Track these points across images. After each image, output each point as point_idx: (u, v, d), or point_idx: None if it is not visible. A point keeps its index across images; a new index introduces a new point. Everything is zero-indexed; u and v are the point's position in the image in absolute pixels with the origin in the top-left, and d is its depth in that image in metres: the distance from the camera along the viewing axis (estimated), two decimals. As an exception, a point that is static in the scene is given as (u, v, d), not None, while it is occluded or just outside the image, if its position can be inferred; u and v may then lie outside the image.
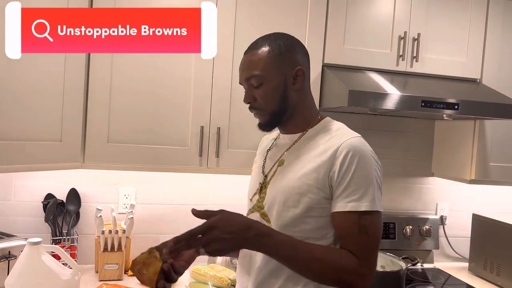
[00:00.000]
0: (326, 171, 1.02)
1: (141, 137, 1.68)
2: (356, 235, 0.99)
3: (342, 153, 1.01)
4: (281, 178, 1.10)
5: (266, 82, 1.10)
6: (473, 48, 1.97)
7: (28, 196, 1.88)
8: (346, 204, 0.99)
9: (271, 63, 1.09)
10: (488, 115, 1.78)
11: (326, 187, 1.03)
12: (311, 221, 1.04)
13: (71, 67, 1.56)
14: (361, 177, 1.00)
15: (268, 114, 1.12)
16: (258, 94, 1.11)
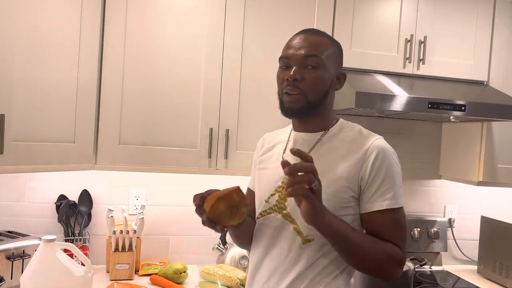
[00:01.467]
0: (356, 171, 1.05)
1: (152, 139, 1.71)
2: (394, 229, 1.06)
3: (372, 155, 1.05)
4: None
5: (322, 68, 1.08)
6: (480, 50, 1.98)
7: (41, 198, 1.92)
8: (383, 202, 1.04)
9: (332, 54, 1.10)
10: (495, 116, 1.79)
11: (355, 186, 1.06)
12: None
13: (84, 70, 1.60)
14: (392, 177, 1.06)
15: (307, 101, 1.08)
16: (310, 76, 1.07)
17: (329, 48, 1.10)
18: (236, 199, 1.00)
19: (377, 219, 1.05)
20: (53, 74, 1.51)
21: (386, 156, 1.06)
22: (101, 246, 1.97)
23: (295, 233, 1.08)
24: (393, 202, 1.04)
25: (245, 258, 1.91)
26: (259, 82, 1.79)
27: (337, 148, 1.10)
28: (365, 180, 1.05)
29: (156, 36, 1.70)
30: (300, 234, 1.07)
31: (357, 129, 1.15)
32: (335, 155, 1.09)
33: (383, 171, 1.05)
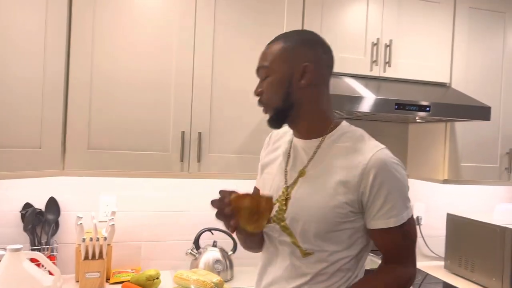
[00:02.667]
0: (355, 187, 1.01)
1: (122, 143, 1.68)
2: (402, 244, 1.05)
3: (372, 171, 1.00)
4: (304, 192, 1.07)
5: (271, 74, 1.07)
6: (442, 53, 2.06)
7: (5, 206, 1.84)
8: (388, 220, 1.01)
9: (280, 55, 1.06)
10: (458, 116, 1.87)
11: (355, 202, 1.02)
12: (338, 234, 1.04)
13: (50, 72, 1.56)
14: (396, 192, 1.01)
15: (272, 109, 1.08)
16: (264, 87, 1.08)
17: (277, 50, 1.06)
18: (263, 206, 0.99)
19: (384, 236, 1.04)
20: (17, 77, 1.46)
21: (387, 171, 1.01)
22: (69, 255, 1.91)
23: (293, 246, 1.07)
24: (399, 218, 1.01)
25: (219, 262, 1.90)
26: (231, 84, 1.80)
27: (336, 159, 1.05)
28: (367, 196, 1.01)
29: (125, 35, 1.68)
30: (299, 248, 1.07)
31: (358, 136, 1.09)
32: (333, 168, 1.04)
33: (385, 187, 1.00)
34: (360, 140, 1.07)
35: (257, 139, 1.83)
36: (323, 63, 1.07)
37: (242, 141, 1.81)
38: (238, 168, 1.80)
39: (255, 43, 1.82)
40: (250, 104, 1.82)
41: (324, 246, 1.04)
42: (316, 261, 1.05)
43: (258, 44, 1.81)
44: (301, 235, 1.05)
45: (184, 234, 2.07)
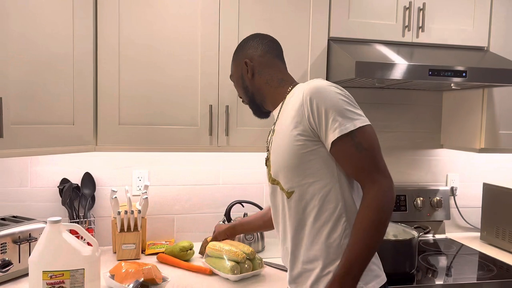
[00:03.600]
0: (301, 118, 1.12)
1: (152, 118, 1.70)
2: (356, 155, 1.08)
3: (307, 98, 1.11)
4: (275, 144, 1.22)
5: (233, 79, 1.39)
6: (479, 15, 1.95)
7: (44, 182, 1.92)
8: (334, 133, 1.08)
9: (233, 62, 1.38)
10: (496, 81, 1.77)
11: (307, 130, 1.12)
12: (308, 166, 1.13)
13: (79, 51, 1.58)
14: (333, 108, 1.09)
15: (248, 104, 1.38)
16: (237, 91, 1.41)
17: (232, 61, 1.39)
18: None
19: (337, 151, 1.09)
20: (49, 56, 1.49)
21: (319, 92, 1.11)
22: (106, 227, 1.98)
23: (281, 192, 1.21)
24: (342, 128, 1.07)
25: (250, 234, 1.92)
26: (257, 57, 1.77)
27: (290, 107, 1.19)
28: (313, 122, 1.11)
29: (152, 13, 1.67)
30: (283, 191, 1.20)
31: (305, 83, 1.19)
32: (287, 114, 1.18)
33: (321, 107, 1.09)
34: (305, 84, 1.18)
35: (285, 110, 1.80)
36: (260, 52, 1.31)
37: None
38: (266, 141, 1.79)
39: (280, 12, 1.78)
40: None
41: (301, 180, 1.14)
42: (298, 198, 1.16)
43: (283, 13, 1.77)
44: (283, 178, 1.18)
45: (215, 206, 2.10)
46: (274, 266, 1.77)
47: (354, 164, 1.09)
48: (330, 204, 1.13)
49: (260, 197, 2.15)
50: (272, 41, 1.35)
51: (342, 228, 1.13)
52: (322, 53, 1.81)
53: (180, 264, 1.74)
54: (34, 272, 1.27)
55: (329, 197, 1.13)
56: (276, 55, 1.33)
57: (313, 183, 1.14)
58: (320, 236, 1.15)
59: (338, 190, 1.13)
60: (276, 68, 1.31)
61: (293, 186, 1.17)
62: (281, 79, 1.30)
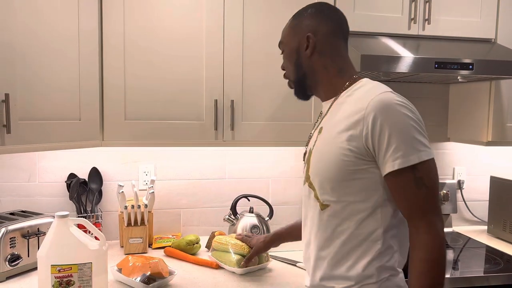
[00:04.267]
0: (358, 133, 1.00)
1: (157, 113, 1.71)
2: (414, 191, 0.97)
3: (371, 115, 0.98)
4: (319, 146, 1.11)
5: (285, 49, 1.21)
6: (486, 7, 1.93)
7: (51, 177, 1.94)
8: (394, 163, 0.96)
9: (289, 31, 1.19)
10: (504, 73, 1.75)
11: (360, 149, 1.00)
12: (352, 184, 1.03)
13: (85, 47, 1.59)
14: (399, 133, 0.96)
15: (292, 82, 1.22)
16: (284, 62, 1.23)
17: (288, 26, 1.20)
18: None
19: (394, 182, 0.99)
20: (54, 52, 1.50)
21: (386, 112, 0.97)
22: (113, 222, 2.00)
23: (315, 200, 1.11)
24: (405, 160, 0.95)
25: (256, 227, 1.93)
26: (261, 51, 1.76)
27: (344, 110, 1.06)
28: (371, 142, 0.99)
29: (157, 9, 1.67)
30: (318, 201, 1.10)
31: (369, 87, 1.06)
32: (340, 118, 1.06)
33: (386, 130, 0.96)
34: (368, 89, 1.06)
35: (289, 106, 1.80)
36: (328, 30, 1.13)
37: (274, 108, 1.80)
38: (271, 135, 1.80)
39: (285, 6, 1.77)
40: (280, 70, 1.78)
41: (340, 196, 1.05)
42: (332, 214, 1.07)
43: (289, 7, 1.76)
44: (319, 186, 1.09)
45: (221, 201, 2.11)
46: (280, 260, 1.77)
47: (410, 200, 0.98)
48: (367, 228, 1.04)
49: (266, 191, 2.15)
50: (342, 19, 1.16)
51: (373, 255, 1.04)
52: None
53: (186, 258, 1.75)
54: (43, 266, 1.29)
55: (367, 221, 1.03)
56: (343, 36, 1.16)
57: (353, 203, 1.04)
58: (348, 258, 1.06)
59: (379, 216, 1.03)
60: (339, 53, 1.15)
61: (329, 200, 1.07)
62: (341, 68, 1.14)
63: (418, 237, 0.97)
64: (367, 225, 1.04)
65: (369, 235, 1.04)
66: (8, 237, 1.51)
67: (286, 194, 2.18)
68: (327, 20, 1.14)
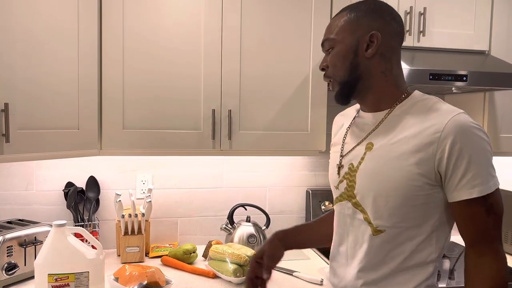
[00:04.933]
0: (430, 156, 0.93)
1: (155, 122, 1.72)
2: (485, 218, 0.94)
3: (449, 137, 0.92)
4: (373, 165, 1.01)
5: (336, 46, 1.03)
6: (480, 19, 1.96)
7: (49, 185, 1.94)
8: (471, 190, 0.92)
9: (345, 26, 1.02)
10: (498, 85, 1.78)
11: (431, 173, 0.94)
12: (413, 209, 0.98)
13: (84, 56, 1.60)
14: (478, 158, 0.92)
15: (338, 83, 1.05)
16: (330, 59, 1.05)
17: (342, 21, 1.03)
18: None
19: (467, 210, 0.94)
20: (54, 61, 1.51)
21: (467, 136, 0.92)
22: (110, 230, 2.00)
23: (365, 223, 1.03)
24: (484, 188, 0.92)
25: (253, 236, 1.94)
26: (259, 60, 1.79)
27: (407, 128, 0.98)
28: (444, 166, 0.93)
29: (154, 19, 1.70)
30: (370, 225, 1.02)
31: (432, 103, 1.00)
32: (403, 137, 0.97)
33: (465, 154, 0.91)
34: (434, 106, 0.98)
35: (287, 115, 1.82)
36: (392, 31, 1.02)
37: (272, 117, 1.82)
38: (269, 144, 1.81)
39: (283, 13, 1.80)
40: (280, 80, 1.81)
41: (397, 222, 0.98)
42: (387, 240, 1.00)
43: (286, 15, 1.79)
44: (374, 210, 1.01)
45: (218, 210, 2.12)
46: (277, 269, 1.78)
47: (478, 228, 0.94)
48: (421, 253, 0.99)
49: (263, 200, 2.16)
50: (402, 25, 1.06)
51: (423, 277, 1.00)
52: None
53: (183, 267, 1.76)
54: (40, 275, 1.30)
55: (422, 245, 0.99)
56: (401, 43, 1.05)
57: (410, 228, 0.98)
58: (396, 281, 1.01)
59: (434, 240, 0.99)
60: (399, 60, 1.05)
61: (384, 226, 1.00)
62: (398, 76, 1.04)
63: (484, 264, 0.94)
64: (422, 250, 0.99)
65: (424, 260, 1.00)
66: (5, 246, 1.51)
67: (283, 203, 2.19)
68: (392, 21, 1.03)
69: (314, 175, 2.21)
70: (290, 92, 1.82)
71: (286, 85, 1.82)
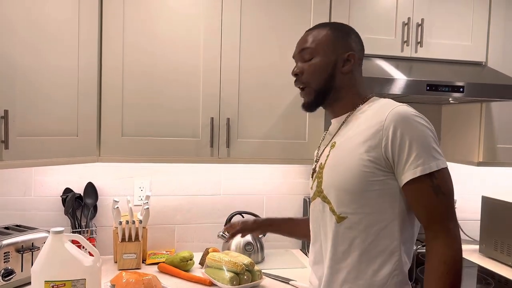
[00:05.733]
0: (377, 143, 1.04)
1: (154, 130, 1.73)
2: (434, 198, 1.01)
3: (391, 125, 1.02)
4: (335, 160, 1.13)
5: (317, 56, 1.15)
6: (477, 31, 1.98)
7: (47, 191, 1.95)
8: (415, 170, 1.00)
9: (327, 41, 1.16)
10: (494, 96, 1.80)
11: (380, 159, 1.04)
12: (371, 195, 1.06)
13: (84, 64, 1.62)
14: (418, 141, 1.01)
15: (313, 91, 1.17)
16: (307, 67, 1.16)
17: (323, 36, 1.16)
18: None
19: (413, 190, 1.02)
20: (54, 69, 1.53)
21: (406, 122, 1.02)
22: (108, 237, 2.00)
23: (331, 213, 1.12)
24: (426, 167, 0.99)
25: (250, 244, 1.94)
26: (258, 69, 1.80)
27: (360, 123, 1.10)
28: (390, 152, 1.02)
29: (153, 27, 1.71)
30: (334, 213, 1.11)
31: (383, 102, 1.12)
32: (356, 131, 1.09)
33: (406, 139, 1.01)
34: (383, 104, 1.11)
35: (285, 123, 1.84)
36: (361, 50, 1.19)
37: (270, 126, 1.83)
38: (267, 153, 1.82)
39: (281, 26, 1.81)
40: (278, 88, 1.82)
41: (357, 208, 1.07)
42: (349, 226, 1.08)
43: (285, 26, 1.81)
44: (336, 199, 1.10)
45: (216, 217, 2.12)
46: (273, 278, 1.78)
47: (428, 208, 1.02)
48: (384, 240, 1.06)
49: (261, 208, 2.17)
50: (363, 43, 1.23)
51: (392, 267, 1.06)
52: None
53: (180, 274, 1.76)
54: (37, 282, 1.30)
55: (384, 232, 1.06)
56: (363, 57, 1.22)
57: (370, 214, 1.06)
58: (365, 271, 1.07)
59: (396, 227, 1.06)
60: (361, 71, 1.21)
61: (346, 212, 1.09)
62: (360, 85, 1.19)
63: (437, 242, 1.00)
64: (384, 236, 1.06)
65: (387, 247, 1.06)
66: (2, 252, 1.51)
67: (281, 210, 2.19)
68: (359, 40, 1.20)
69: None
70: (288, 101, 1.84)
71: (284, 94, 1.83)
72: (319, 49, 1.15)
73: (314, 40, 1.16)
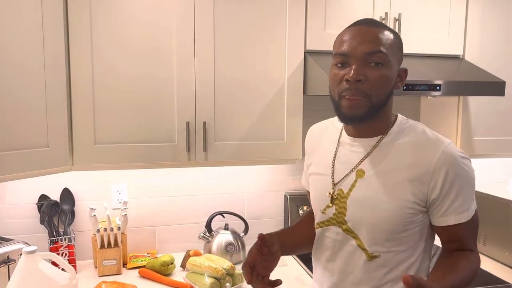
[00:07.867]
0: (424, 185, 0.99)
1: (128, 136, 1.69)
2: (471, 233, 1.05)
3: (443, 168, 0.98)
4: (365, 193, 1.03)
5: (387, 66, 0.98)
6: (454, 24, 1.96)
7: (21, 199, 1.90)
8: (459, 216, 1.00)
9: (396, 50, 1.01)
10: (470, 93, 1.80)
11: (424, 201, 1.00)
12: (407, 234, 1.02)
13: (51, 74, 1.55)
14: (466, 187, 1.01)
15: (370, 105, 0.98)
16: (374, 75, 0.97)
17: (393, 43, 1.00)
18: None
19: (453, 230, 1.02)
20: (20, 79, 1.46)
21: (458, 167, 0.99)
22: (87, 241, 1.98)
23: (358, 249, 1.05)
24: (469, 213, 1.01)
25: (231, 244, 1.95)
26: (233, 72, 1.76)
27: (399, 156, 1.01)
28: (437, 194, 0.99)
29: (124, 31, 1.64)
30: (364, 251, 1.04)
31: (419, 131, 1.05)
32: (398, 166, 1.01)
33: (456, 184, 0.98)
34: (422, 135, 1.04)
35: (261, 125, 1.81)
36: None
37: (247, 128, 1.80)
38: (244, 155, 1.80)
39: (256, 23, 1.76)
40: (253, 91, 1.79)
41: (391, 247, 1.02)
42: (381, 265, 1.04)
43: (259, 27, 1.76)
44: (368, 237, 1.03)
45: (197, 217, 2.11)
46: (254, 279, 1.79)
47: (461, 242, 1.04)
48: (411, 272, 1.04)
49: (242, 205, 2.16)
50: None
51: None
52: (299, 66, 1.81)
53: (161, 280, 1.76)
54: (12, 302, 1.28)
55: (413, 267, 1.05)
56: None
57: (403, 251, 1.03)
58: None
59: (422, 261, 1.06)
60: None
61: (379, 251, 1.03)
62: (391, 107, 1.07)
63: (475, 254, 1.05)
64: (412, 270, 1.05)
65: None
66: (-24, 268, 1.48)
67: (262, 208, 2.19)
68: None
69: (292, 179, 2.21)
70: (266, 102, 1.81)
71: (261, 95, 1.80)
72: (390, 57, 0.98)
73: (385, 45, 0.97)
